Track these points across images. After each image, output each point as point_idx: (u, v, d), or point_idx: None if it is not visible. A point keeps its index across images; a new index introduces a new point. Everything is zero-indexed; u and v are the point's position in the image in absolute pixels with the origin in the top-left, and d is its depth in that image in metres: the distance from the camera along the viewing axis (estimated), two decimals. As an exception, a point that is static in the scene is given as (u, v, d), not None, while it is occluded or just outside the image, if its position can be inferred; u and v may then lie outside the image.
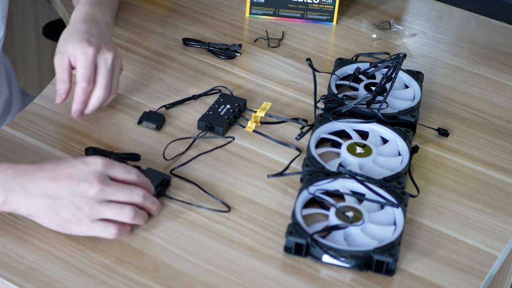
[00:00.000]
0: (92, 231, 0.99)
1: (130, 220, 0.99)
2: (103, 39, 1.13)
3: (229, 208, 1.07)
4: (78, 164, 0.99)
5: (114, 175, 1.00)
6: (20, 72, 2.23)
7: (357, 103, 1.19)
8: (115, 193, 0.98)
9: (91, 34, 1.12)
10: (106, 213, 0.98)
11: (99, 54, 1.12)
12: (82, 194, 0.97)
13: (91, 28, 1.14)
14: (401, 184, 1.09)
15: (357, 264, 0.99)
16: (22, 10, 2.11)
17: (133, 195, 1.00)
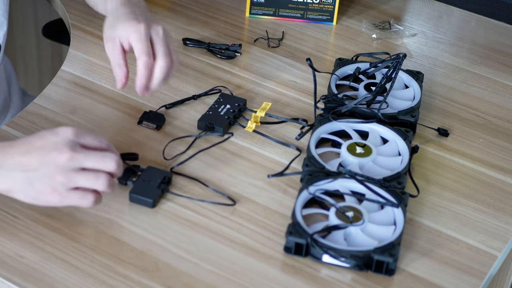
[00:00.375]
0: (68, 200, 0.98)
1: (105, 189, 0.98)
2: (148, 17, 1.12)
3: (234, 202, 1.07)
4: (48, 135, 0.98)
5: (86, 142, 0.99)
6: (20, 72, 2.23)
7: (357, 103, 1.19)
8: (86, 159, 0.97)
9: (136, 14, 1.10)
10: (81, 181, 0.97)
11: (150, 29, 1.09)
12: (53, 163, 0.96)
13: (133, 9, 1.12)
14: (401, 184, 1.09)
15: (357, 264, 0.99)
16: (22, 10, 2.11)
17: (106, 160, 0.98)
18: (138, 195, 1.06)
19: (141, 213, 1.06)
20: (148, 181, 1.08)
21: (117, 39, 1.09)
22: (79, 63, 1.31)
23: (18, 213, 1.04)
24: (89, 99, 1.24)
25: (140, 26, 1.08)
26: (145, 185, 1.07)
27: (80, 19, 1.42)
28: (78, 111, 1.21)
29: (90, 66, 1.31)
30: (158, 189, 1.07)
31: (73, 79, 1.27)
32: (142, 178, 1.08)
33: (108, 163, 0.98)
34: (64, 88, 1.26)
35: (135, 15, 1.11)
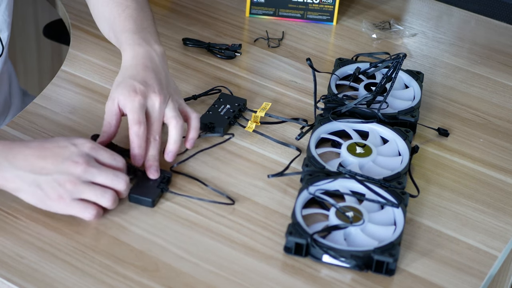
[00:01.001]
0: (71, 209, 1.01)
1: (109, 205, 1.02)
2: (150, 84, 1.10)
3: (233, 201, 1.08)
4: (66, 143, 1.02)
5: (101, 159, 1.03)
6: (20, 72, 2.24)
7: (357, 103, 1.19)
8: (99, 174, 1.01)
9: (137, 81, 1.09)
10: (88, 194, 1.01)
11: (147, 100, 1.08)
12: (67, 171, 1.00)
13: (138, 73, 1.11)
14: (401, 184, 1.09)
15: (357, 264, 0.99)
16: (22, 10, 2.11)
17: (118, 180, 1.02)
18: (138, 195, 1.06)
19: (141, 213, 1.06)
20: (148, 180, 1.08)
21: (115, 101, 1.09)
22: (79, 63, 1.31)
23: (18, 213, 1.04)
24: (89, 99, 1.24)
25: (136, 98, 1.07)
26: (144, 185, 1.07)
27: (80, 19, 1.42)
28: (78, 111, 1.21)
29: (90, 66, 1.31)
30: (158, 188, 1.07)
31: (73, 79, 1.27)
32: (141, 177, 1.08)
33: (119, 182, 1.02)
34: (64, 88, 1.26)
35: (135, 82, 1.09)
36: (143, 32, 1.17)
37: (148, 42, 1.15)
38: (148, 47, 1.14)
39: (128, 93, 1.08)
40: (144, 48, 1.14)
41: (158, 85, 1.10)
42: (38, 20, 2.12)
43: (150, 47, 1.15)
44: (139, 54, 1.14)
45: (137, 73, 1.11)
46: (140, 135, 1.07)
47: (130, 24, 1.18)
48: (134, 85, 1.09)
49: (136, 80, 1.09)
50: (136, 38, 1.15)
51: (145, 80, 1.10)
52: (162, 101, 1.09)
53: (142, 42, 1.15)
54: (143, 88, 1.09)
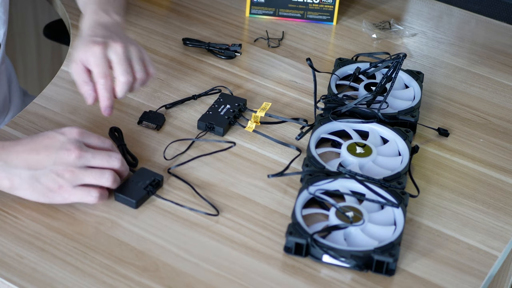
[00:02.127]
0: (74, 197, 1.02)
1: (110, 184, 1.04)
2: (109, 36, 1.12)
3: (217, 212, 1.07)
4: (55, 134, 1.03)
5: (90, 142, 1.04)
6: (20, 72, 2.24)
7: (357, 103, 1.19)
8: (93, 157, 1.03)
9: (95, 36, 1.12)
10: (88, 178, 1.02)
11: (107, 49, 1.10)
12: (62, 161, 1.01)
13: (95, 31, 1.13)
14: (401, 184, 1.09)
15: (357, 264, 0.99)
16: (22, 10, 2.11)
17: (112, 160, 1.04)
18: (122, 195, 1.06)
19: (141, 213, 1.06)
20: (137, 182, 1.08)
21: (79, 62, 1.11)
22: (79, 63, 1.31)
23: (18, 213, 1.04)
24: (89, 99, 1.23)
25: (96, 48, 1.09)
26: (132, 186, 1.07)
27: (80, 19, 1.41)
28: (78, 111, 1.21)
29: (90, 66, 1.30)
30: (144, 190, 1.07)
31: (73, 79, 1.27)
32: (131, 178, 1.08)
33: (113, 161, 1.04)
34: (64, 88, 1.26)
35: (94, 37, 1.11)
36: (106, 5, 1.19)
37: (108, 13, 1.18)
38: (107, 16, 1.17)
39: (87, 48, 1.09)
40: (102, 17, 1.16)
41: (116, 35, 1.12)
42: (38, 20, 2.12)
43: (109, 17, 1.17)
44: (96, 20, 1.16)
45: (94, 32, 1.13)
46: (108, 87, 1.09)
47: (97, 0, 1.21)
48: (93, 39, 1.10)
49: (94, 36, 1.11)
50: (97, 9, 1.18)
51: (103, 34, 1.12)
52: (124, 46, 1.10)
53: (101, 13, 1.17)
54: (102, 39, 1.10)
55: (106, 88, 1.09)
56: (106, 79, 1.09)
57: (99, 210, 1.06)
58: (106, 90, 1.10)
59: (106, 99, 1.10)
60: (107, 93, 1.10)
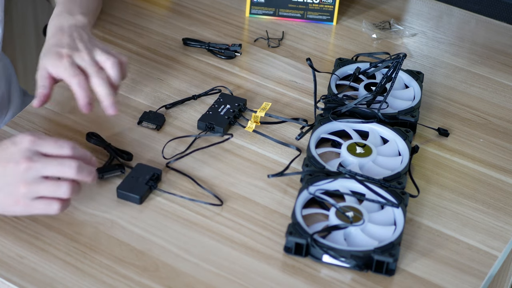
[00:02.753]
0: (34, 209, 0.97)
1: (68, 196, 0.97)
2: (73, 45, 1.13)
3: (221, 202, 1.08)
4: (7, 144, 0.98)
5: (45, 151, 0.97)
6: (20, 72, 2.23)
7: (357, 103, 1.19)
8: (45, 168, 0.96)
9: (60, 46, 1.13)
10: (43, 191, 0.96)
11: (74, 58, 1.11)
12: (12, 174, 0.95)
13: (60, 40, 1.14)
14: (401, 184, 1.09)
15: (357, 264, 0.99)
16: (22, 10, 2.10)
17: (65, 168, 0.96)
18: (125, 191, 1.06)
19: (141, 213, 1.06)
20: (137, 178, 1.08)
21: (45, 70, 1.12)
22: (79, 63, 1.31)
23: (18, 213, 1.04)
24: (89, 99, 1.23)
25: (63, 61, 1.10)
26: (133, 182, 1.08)
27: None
28: (78, 111, 1.21)
29: (90, 66, 1.30)
30: (146, 185, 1.07)
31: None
32: (131, 174, 1.09)
33: (66, 171, 0.97)
34: (64, 88, 1.25)
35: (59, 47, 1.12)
36: (72, 4, 1.20)
37: (72, 14, 1.18)
38: (70, 18, 1.17)
39: (55, 60, 1.10)
40: (66, 19, 1.17)
41: (81, 42, 1.13)
42: (38, 20, 2.12)
43: (73, 18, 1.17)
44: (59, 26, 1.16)
45: (59, 40, 1.13)
46: (82, 85, 1.08)
47: None
48: (59, 51, 1.11)
49: (60, 47, 1.12)
50: (62, 10, 1.19)
51: (68, 43, 1.12)
52: (89, 53, 1.11)
53: (65, 15, 1.17)
54: (68, 50, 1.11)
55: (80, 85, 1.08)
56: (79, 77, 1.09)
57: (99, 210, 1.06)
58: (80, 87, 1.08)
59: (83, 97, 1.08)
60: (82, 90, 1.08)
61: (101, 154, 1.14)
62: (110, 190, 1.09)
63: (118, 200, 1.07)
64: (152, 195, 1.09)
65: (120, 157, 1.12)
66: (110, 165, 1.11)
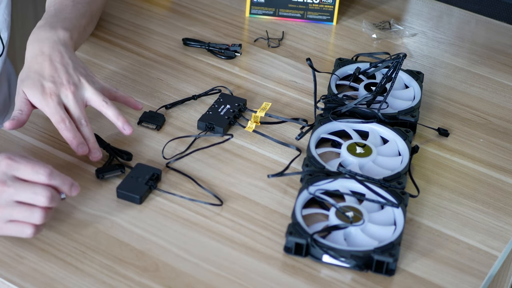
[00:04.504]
0: (7, 232, 0.97)
1: (40, 222, 0.96)
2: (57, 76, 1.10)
3: (221, 202, 1.08)
4: None
5: (21, 175, 0.96)
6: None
7: (357, 103, 1.19)
8: (17, 194, 0.95)
9: (43, 77, 1.10)
10: (17, 215, 0.95)
11: (60, 97, 1.10)
12: None
13: (43, 68, 1.11)
14: (401, 184, 1.09)
15: (357, 264, 0.99)
16: (22, 10, 2.10)
17: (38, 196, 0.95)
18: (125, 191, 1.06)
19: (141, 213, 1.06)
20: (137, 178, 1.08)
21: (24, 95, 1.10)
22: (79, 63, 1.31)
23: (18, 213, 1.04)
24: (89, 99, 1.23)
25: (49, 100, 1.08)
26: (133, 182, 1.08)
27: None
28: (78, 111, 1.21)
29: (89, 66, 1.30)
30: (146, 185, 1.07)
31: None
32: (131, 174, 1.09)
33: (38, 199, 0.95)
34: (64, 88, 1.25)
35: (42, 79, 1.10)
36: (58, 17, 1.17)
37: (54, 29, 1.15)
38: (51, 32, 1.14)
39: (40, 96, 1.08)
40: (47, 32, 1.14)
41: (65, 74, 1.11)
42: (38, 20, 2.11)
43: (54, 32, 1.14)
44: (40, 40, 1.13)
45: (42, 68, 1.11)
46: (69, 128, 1.08)
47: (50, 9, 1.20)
48: (43, 85, 1.09)
49: (43, 78, 1.10)
50: (45, 24, 1.16)
51: (51, 75, 1.10)
52: (74, 91, 1.10)
53: (47, 29, 1.15)
54: (52, 86, 1.09)
55: (68, 129, 1.08)
56: (65, 122, 1.08)
57: (99, 210, 1.06)
58: (68, 131, 1.08)
59: (72, 139, 1.08)
60: (71, 133, 1.08)
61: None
62: (110, 190, 1.09)
63: (118, 200, 1.07)
64: (152, 195, 1.09)
65: (119, 157, 1.13)
66: (110, 165, 1.11)
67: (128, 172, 1.11)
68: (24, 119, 1.09)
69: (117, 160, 1.13)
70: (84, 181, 1.10)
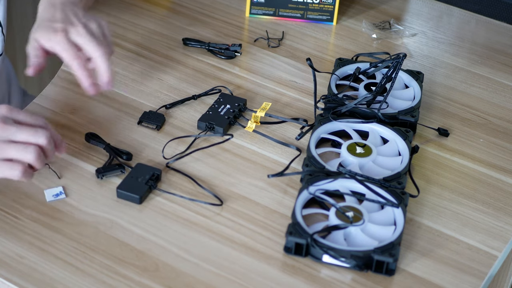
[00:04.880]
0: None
1: (33, 160, 1.00)
2: (66, 19, 1.13)
3: (221, 202, 1.08)
4: None
5: (20, 119, 1.03)
6: (20, 72, 2.23)
7: (357, 103, 1.19)
8: (18, 131, 1.01)
9: (54, 21, 1.13)
10: (10, 152, 1.00)
11: (69, 34, 1.11)
12: None
13: (53, 15, 1.14)
14: (401, 184, 1.09)
15: (357, 264, 0.99)
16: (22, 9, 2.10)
17: (38, 135, 1.01)
18: (125, 191, 1.06)
19: (141, 213, 1.06)
20: (136, 178, 1.08)
21: (35, 42, 1.12)
22: (79, 63, 1.31)
23: (18, 213, 1.04)
24: (89, 99, 1.24)
25: (59, 37, 1.10)
26: (133, 182, 1.08)
27: None
28: (78, 111, 1.21)
29: (90, 66, 1.30)
30: (146, 185, 1.07)
31: (73, 79, 1.27)
32: (131, 174, 1.09)
33: (39, 137, 1.01)
34: (64, 88, 1.26)
35: (52, 22, 1.12)
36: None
37: None
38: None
39: (49, 35, 1.11)
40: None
41: (75, 17, 1.13)
42: (38, 20, 2.11)
43: None
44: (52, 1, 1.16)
45: (53, 15, 1.14)
46: (83, 66, 1.10)
47: None
48: (52, 26, 1.12)
49: (54, 22, 1.12)
50: None
51: (62, 18, 1.13)
52: (84, 26, 1.12)
53: None
54: (62, 25, 1.11)
55: (82, 67, 1.10)
56: (79, 59, 1.10)
57: (99, 210, 1.06)
58: (83, 69, 1.10)
59: (86, 78, 1.10)
60: (85, 71, 1.10)
61: (100, 154, 1.14)
62: (110, 190, 1.09)
63: (118, 200, 1.07)
64: (152, 195, 1.09)
65: (119, 157, 1.13)
66: (110, 165, 1.11)
67: (128, 172, 1.11)
68: (42, 62, 1.12)
69: (116, 160, 1.13)
70: (84, 181, 1.10)
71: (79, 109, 1.22)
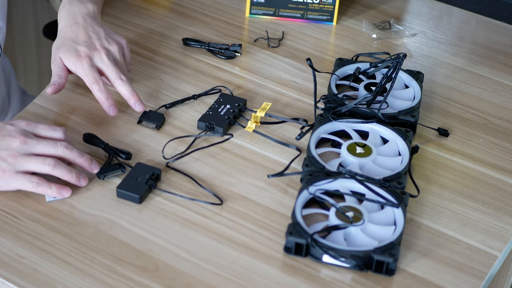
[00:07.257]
0: (16, 182, 1.04)
1: (51, 170, 1.04)
2: (90, 42, 1.19)
3: (221, 201, 1.08)
4: (2, 124, 1.06)
5: (39, 133, 1.08)
6: (20, 72, 2.23)
7: (357, 103, 1.19)
8: (37, 144, 1.05)
9: (78, 43, 1.19)
10: (29, 164, 1.04)
11: (93, 59, 1.18)
12: (6, 147, 1.04)
13: (77, 34, 1.20)
14: (401, 184, 1.09)
15: (357, 264, 0.99)
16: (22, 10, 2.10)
17: (56, 146, 1.06)
18: (125, 191, 1.07)
19: (141, 213, 1.06)
20: (136, 177, 1.08)
21: (60, 61, 1.18)
22: (79, 63, 1.31)
23: (18, 213, 1.04)
24: (89, 99, 1.24)
25: (83, 62, 1.17)
26: (133, 181, 1.08)
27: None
28: (78, 111, 1.21)
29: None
30: (146, 185, 1.07)
31: (73, 79, 1.27)
32: (131, 174, 1.09)
33: (58, 148, 1.06)
34: (64, 88, 1.25)
35: (76, 44, 1.18)
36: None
37: (83, 2, 1.23)
38: (82, 7, 1.23)
39: (74, 59, 1.17)
40: (77, 7, 1.22)
41: (98, 41, 1.19)
42: (38, 20, 2.12)
43: (83, 6, 1.23)
44: (72, 13, 1.22)
45: (76, 35, 1.20)
46: (103, 90, 1.17)
47: None
48: (77, 49, 1.18)
49: (77, 43, 1.18)
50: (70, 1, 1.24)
51: (85, 40, 1.19)
52: (107, 53, 1.19)
53: (76, 3, 1.23)
54: (86, 49, 1.18)
55: (101, 91, 1.16)
56: (98, 83, 1.16)
57: (99, 210, 1.06)
58: (101, 92, 1.17)
59: (105, 100, 1.17)
60: (104, 94, 1.17)
61: (99, 155, 1.14)
62: (110, 190, 1.09)
63: (118, 200, 1.07)
64: (152, 194, 1.09)
65: (118, 157, 1.12)
66: (111, 165, 1.11)
67: (128, 171, 1.11)
68: (63, 83, 1.18)
69: (116, 160, 1.13)
70: (84, 181, 1.10)
71: (79, 109, 1.22)
